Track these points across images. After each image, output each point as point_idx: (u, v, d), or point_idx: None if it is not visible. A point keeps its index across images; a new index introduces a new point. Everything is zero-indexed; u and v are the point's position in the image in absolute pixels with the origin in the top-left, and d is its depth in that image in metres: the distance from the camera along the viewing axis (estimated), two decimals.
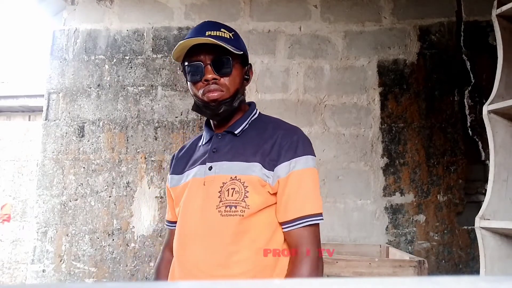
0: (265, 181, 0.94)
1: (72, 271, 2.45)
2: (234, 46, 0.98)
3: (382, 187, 2.43)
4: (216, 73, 0.97)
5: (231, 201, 0.92)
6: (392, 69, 2.54)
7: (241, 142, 1.00)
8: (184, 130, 2.54)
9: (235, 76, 1.00)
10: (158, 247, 2.45)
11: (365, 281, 0.25)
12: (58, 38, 2.69)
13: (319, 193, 0.98)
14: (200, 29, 0.99)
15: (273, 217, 0.96)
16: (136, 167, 2.53)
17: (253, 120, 1.06)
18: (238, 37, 1.04)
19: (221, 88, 0.97)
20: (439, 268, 2.34)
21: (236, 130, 1.02)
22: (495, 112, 1.57)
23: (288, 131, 1.01)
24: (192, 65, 0.98)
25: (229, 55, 0.97)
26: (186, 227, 0.98)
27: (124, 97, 2.61)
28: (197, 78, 0.98)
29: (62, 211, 2.50)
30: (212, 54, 0.96)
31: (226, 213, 0.92)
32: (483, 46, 2.48)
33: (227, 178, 0.95)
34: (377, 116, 2.50)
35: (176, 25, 2.66)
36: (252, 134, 1.02)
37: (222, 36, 0.97)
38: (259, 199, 0.93)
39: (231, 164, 0.96)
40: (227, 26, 1.03)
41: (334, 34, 2.60)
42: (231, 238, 0.91)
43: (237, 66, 1.00)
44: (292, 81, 2.56)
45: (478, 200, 2.35)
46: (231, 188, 0.93)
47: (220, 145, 1.02)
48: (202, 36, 0.95)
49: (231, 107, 1.00)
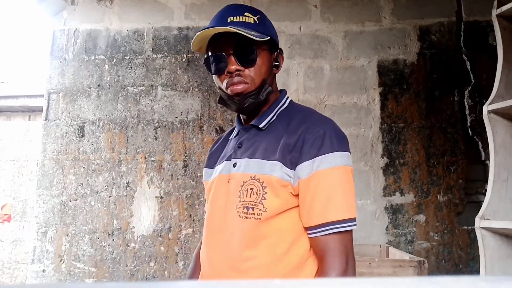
0: (287, 181, 0.85)
1: (72, 271, 2.45)
2: (259, 31, 0.89)
3: (382, 187, 2.43)
4: (240, 63, 0.88)
5: (249, 202, 0.86)
6: (392, 69, 2.54)
7: (265, 137, 0.91)
8: (184, 130, 2.54)
9: (261, 66, 0.90)
10: (158, 247, 2.45)
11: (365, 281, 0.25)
12: (58, 38, 2.69)
13: (350, 196, 0.85)
14: (221, 15, 0.91)
15: (296, 220, 0.87)
16: (136, 167, 2.53)
17: (282, 111, 0.95)
18: (264, 20, 0.94)
19: (245, 80, 0.89)
20: (439, 268, 2.34)
21: (261, 124, 0.93)
22: (495, 112, 1.57)
23: (315, 124, 0.88)
24: (214, 56, 0.91)
25: (253, 42, 0.87)
26: (209, 225, 0.94)
27: (124, 97, 2.61)
28: (221, 70, 0.90)
29: (62, 211, 2.50)
30: (235, 43, 0.88)
31: (244, 215, 0.86)
32: (483, 46, 2.48)
33: (247, 177, 0.88)
34: (377, 116, 2.50)
35: (176, 25, 2.66)
36: (277, 128, 0.92)
37: (245, 21, 0.89)
38: (278, 201, 0.85)
39: (252, 161, 0.89)
40: (252, 9, 0.94)
41: (334, 34, 2.60)
42: (247, 242, 0.85)
43: (263, 54, 0.91)
44: (292, 81, 2.56)
45: (478, 200, 2.35)
46: (249, 188, 0.87)
47: (245, 140, 0.94)
48: (224, 23, 0.88)
49: (257, 100, 0.90)
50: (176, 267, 2.43)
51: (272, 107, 0.95)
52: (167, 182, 2.50)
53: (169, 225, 2.46)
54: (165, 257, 2.44)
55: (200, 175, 2.49)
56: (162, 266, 2.43)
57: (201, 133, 2.54)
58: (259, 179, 0.86)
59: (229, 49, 0.89)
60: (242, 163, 0.91)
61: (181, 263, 2.43)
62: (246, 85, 0.89)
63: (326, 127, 0.87)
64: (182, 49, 2.63)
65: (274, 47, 0.96)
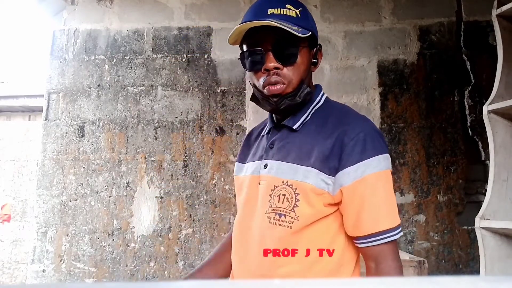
0: (322, 189, 0.80)
1: (72, 271, 2.45)
2: (302, 25, 0.82)
3: None
4: (279, 61, 0.82)
5: (280, 209, 0.81)
6: (392, 69, 2.54)
7: (298, 139, 0.86)
8: (184, 130, 2.54)
9: (300, 64, 0.84)
10: (158, 247, 2.45)
11: (365, 281, 0.25)
12: (58, 38, 2.69)
13: (394, 200, 0.82)
14: (260, 5, 0.84)
15: (329, 226, 0.83)
16: (136, 167, 2.53)
17: (317, 110, 0.90)
18: (306, 13, 0.87)
19: (283, 80, 0.83)
20: (439, 268, 2.34)
21: (294, 125, 0.87)
22: (495, 112, 1.57)
23: (352, 126, 0.82)
24: (251, 51, 0.84)
25: (294, 39, 0.81)
26: (240, 226, 0.91)
27: (124, 97, 2.61)
28: (257, 67, 0.84)
29: (62, 211, 2.50)
30: (274, 38, 0.81)
31: (275, 221, 0.82)
32: (483, 46, 2.48)
33: (279, 181, 0.83)
34: (377, 116, 2.50)
35: (176, 25, 2.66)
36: (311, 129, 0.86)
37: (287, 14, 0.82)
38: (311, 210, 0.80)
39: (285, 165, 0.84)
40: (295, 0, 0.86)
41: (334, 34, 2.60)
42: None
43: (303, 51, 0.85)
44: None
45: (478, 200, 2.35)
46: (282, 194, 0.82)
47: (276, 140, 0.89)
48: (263, 16, 0.81)
49: (294, 102, 0.84)
50: (176, 267, 2.43)
51: (307, 106, 0.89)
52: (167, 182, 2.50)
53: (169, 225, 2.46)
54: (165, 257, 2.44)
55: (200, 175, 2.50)
56: (162, 266, 2.43)
57: (201, 133, 2.54)
58: (292, 185, 0.81)
59: (268, 44, 0.82)
60: (274, 165, 0.86)
61: (181, 263, 2.43)
62: (284, 86, 0.83)
63: (366, 129, 0.82)
64: (182, 49, 2.63)
65: (314, 43, 0.89)
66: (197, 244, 2.44)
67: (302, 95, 0.85)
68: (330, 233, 0.83)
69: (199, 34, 2.65)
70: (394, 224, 0.81)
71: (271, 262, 0.82)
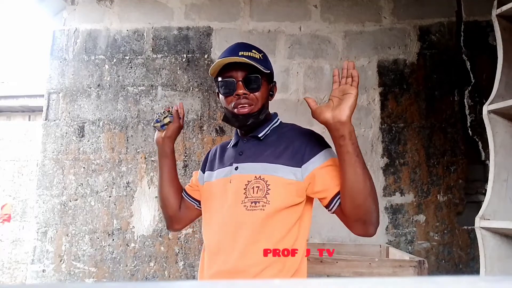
0: (291, 179, 1.02)
1: (72, 271, 2.45)
2: (263, 65, 1.08)
3: (382, 187, 2.43)
4: (247, 88, 1.08)
5: (255, 198, 1.02)
6: (392, 69, 2.54)
7: (264, 145, 1.11)
8: (184, 130, 2.54)
9: (263, 92, 1.11)
10: (158, 247, 2.45)
11: (365, 281, 0.25)
12: (58, 38, 2.69)
13: None
14: (233, 49, 1.11)
15: (293, 217, 1.04)
16: (136, 167, 2.53)
17: (275, 127, 1.16)
18: (266, 57, 1.15)
19: (250, 102, 1.08)
20: (439, 268, 2.34)
21: (259, 134, 1.13)
22: (495, 112, 1.57)
23: (305, 134, 1.13)
24: (225, 80, 1.09)
25: (258, 73, 1.08)
26: (216, 218, 1.08)
27: (124, 97, 2.61)
28: (230, 93, 1.09)
29: (62, 211, 2.50)
30: (244, 72, 1.08)
31: (251, 208, 1.02)
32: (483, 46, 2.48)
33: (252, 177, 1.05)
34: (377, 116, 2.50)
35: (176, 25, 2.66)
36: (273, 139, 1.12)
37: (253, 56, 1.09)
38: (280, 196, 1.01)
39: (256, 164, 1.07)
40: (257, 48, 1.15)
41: (334, 34, 2.60)
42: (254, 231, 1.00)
43: (264, 83, 1.12)
44: (292, 81, 2.56)
45: (478, 200, 2.35)
46: (255, 186, 1.03)
47: (245, 148, 1.12)
48: (237, 55, 1.07)
49: (258, 120, 1.11)
50: (176, 267, 2.43)
51: (268, 124, 1.16)
52: None
53: None
54: (165, 257, 2.44)
55: None
56: (162, 266, 2.43)
57: (201, 133, 2.54)
58: (264, 178, 1.04)
59: (239, 76, 1.08)
60: (245, 166, 1.08)
61: (181, 263, 2.43)
62: (251, 107, 1.09)
63: (315, 133, 1.13)
64: (182, 49, 2.63)
65: (271, 79, 1.17)
66: (197, 244, 2.44)
67: (263, 115, 1.12)
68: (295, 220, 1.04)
69: (199, 34, 2.65)
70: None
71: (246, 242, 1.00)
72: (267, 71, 1.10)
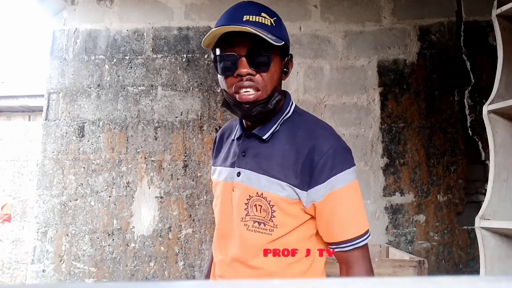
0: (294, 199, 0.84)
1: (72, 271, 2.45)
2: (276, 35, 0.82)
3: (382, 187, 2.43)
4: (252, 67, 0.82)
5: (259, 217, 0.85)
6: (392, 69, 2.54)
7: (269, 150, 0.88)
8: (184, 130, 2.54)
9: (273, 72, 0.84)
10: (158, 247, 2.45)
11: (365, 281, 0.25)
12: (58, 38, 2.69)
13: (362, 209, 0.88)
14: (236, 11, 0.84)
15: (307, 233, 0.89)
16: (136, 167, 2.53)
17: (286, 120, 0.91)
18: (280, 23, 0.89)
19: (256, 86, 0.82)
20: (439, 268, 2.34)
21: (264, 135, 0.88)
22: (495, 112, 1.57)
23: (321, 141, 0.85)
24: (224, 55, 0.84)
25: (268, 46, 0.81)
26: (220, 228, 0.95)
27: (124, 97, 2.61)
28: (230, 72, 0.83)
29: (62, 211, 2.50)
30: (249, 44, 0.81)
31: (254, 228, 0.86)
32: (483, 46, 2.48)
33: (254, 192, 0.86)
34: (377, 116, 2.50)
35: (176, 25, 2.66)
36: (281, 140, 0.88)
37: (262, 22, 0.82)
38: (288, 219, 0.85)
39: (257, 176, 0.86)
40: (269, 9, 0.88)
41: (334, 34, 2.60)
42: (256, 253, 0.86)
43: (276, 59, 0.85)
44: (292, 81, 2.56)
45: (478, 200, 2.35)
46: (258, 205, 0.85)
47: (248, 148, 0.91)
48: (239, 22, 0.81)
49: (266, 109, 0.85)
50: (176, 267, 2.43)
51: (277, 116, 0.90)
52: (167, 182, 2.50)
53: (169, 225, 2.46)
54: (165, 257, 2.44)
55: (200, 175, 2.50)
56: (162, 266, 2.43)
57: (201, 133, 2.54)
58: (266, 197, 0.85)
59: (242, 50, 0.82)
60: (247, 175, 0.88)
61: (181, 263, 2.43)
62: (258, 93, 0.83)
63: (333, 144, 0.85)
64: (182, 49, 2.63)
65: (286, 52, 0.90)
66: (197, 244, 2.44)
67: (274, 103, 0.86)
68: (306, 236, 0.88)
69: (199, 34, 2.65)
70: (361, 231, 0.85)
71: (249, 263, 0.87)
72: (280, 43, 0.81)
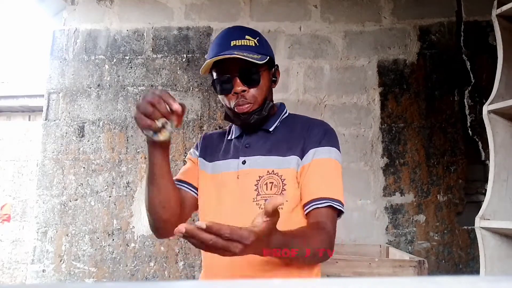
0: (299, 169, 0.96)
1: (72, 271, 2.45)
2: (260, 52, 0.97)
3: (382, 187, 2.43)
4: (245, 84, 0.97)
5: (269, 195, 0.92)
6: (392, 69, 2.54)
7: (275, 138, 1.02)
8: (184, 130, 2.54)
9: (263, 85, 1.00)
10: (158, 247, 2.45)
11: (365, 281, 0.25)
12: (58, 38, 2.69)
13: (339, 184, 0.97)
14: (224, 38, 0.99)
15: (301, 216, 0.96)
16: (136, 167, 2.53)
17: (284, 119, 1.08)
18: (262, 41, 1.03)
19: (249, 101, 0.98)
20: (439, 268, 2.34)
21: (269, 128, 1.04)
22: (495, 112, 1.57)
23: (316, 124, 1.03)
24: (220, 78, 0.99)
25: (256, 64, 0.96)
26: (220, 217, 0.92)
27: (124, 97, 2.61)
28: (227, 91, 0.99)
29: (62, 211, 2.50)
30: (239, 65, 0.96)
31: None
32: (483, 46, 2.48)
33: (264, 171, 0.96)
34: (377, 116, 2.50)
35: (176, 25, 2.66)
36: (284, 131, 1.03)
37: (247, 44, 0.98)
38: (297, 192, 0.94)
39: (267, 158, 0.98)
40: (252, 31, 1.02)
41: (334, 34, 2.60)
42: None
43: (264, 73, 1.01)
44: (292, 81, 2.56)
45: (478, 200, 2.35)
46: (269, 182, 0.94)
47: (253, 141, 1.03)
48: (227, 47, 0.96)
49: (261, 116, 1.00)
50: (176, 267, 2.43)
51: (277, 115, 1.07)
52: None
53: None
54: (165, 257, 2.44)
55: None
56: (162, 266, 2.43)
57: (201, 133, 2.54)
58: (277, 173, 0.95)
59: (234, 72, 0.96)
60: (254, 159, 0.98)
61: (181, 263, 2.43)
62: (251, 105, 0.98)
63: (325, 127, 1.02)
64: (182, 49, 2.63)
65: (272, 64, 1.05)
66: None
67: (267, 109, 1.01)
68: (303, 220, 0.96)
69: (199, 34, 2.65)
70: (336, 196, 0.94)
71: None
72: (264, 61, 0.96)
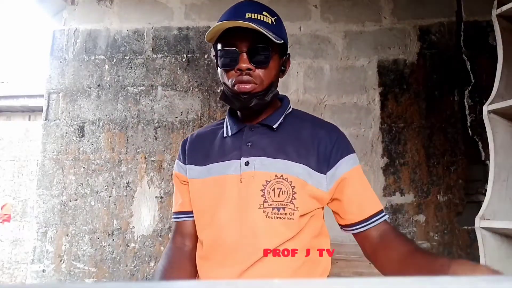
0: (313, 185, 0.86)
1: (72, 271, 2.45)
2: (276, 33, 0.86)
3: (382, 187, 2.43)
4: (252, 63, 0.85)
5: (279, 203, 0.83)
6: (392, 69, 2.54)
7: (281, 138, 0.91)
8: (184, 130, 2.54)
9: (272, 68, 0.88)
10: (158, 247, 2.45)
11: (365, 281, 0.25)
12: (58, 38, 2.69)
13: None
14: (239, 9, 0.87)
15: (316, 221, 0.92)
16: (136, 167, 2.53)
17: (287, 115, 0.96)
18: (280, 22, 0.93)
19: (254, 80, 0.86)
20: None
21: (274, 124, 0.92)
22: (495, 112, 1.57)
23: (327, 130, 0.93)
24: (225, 50, 0.86)
25: (268, 43, 0.84)
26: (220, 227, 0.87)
27: (124, 97, 2.61)
28: (230, 66, 0.86)
29: (62, 211, 2.50)
30: (250, 40, 0.84)
31: (274, 215, 0.83)
32: (483, 46, 2.48)
33: (271, 176, 0.85)
34: (377, 116, 2.50)
35: (176, 25, 2.66)
36: (289, 130, 0.92)
37: (263, 20, 0.86)
38: (308, 202, 0.86)
39: (274, 161, 0.86)
40: (270, 9, 0.93)
41: (334, 34, 2.60)
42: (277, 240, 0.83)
43: (275, 57, 0.89)
44: (292, 81, 2.56)
45: (478, 200, 2.35)
46: (277, 188, 0.84)
47: (255, 139, 0.90)
48: (241, 18, 0.83)
49: (263, 101, 0.88)
50: None
51: (281, 110, 0.96)
52: (167, 182, 2.50)
53: (169, 225, 2.46)
54: None
55: None
56: None
57: None
58: (287, 178, 0.85)
59: (243, 45, 0.85)
60: (260, 160, 0.87)
61: None
62: (255, 85, 0.86)
63: (339, 133, 0.94)
64: (182, 49, 2.63)
65: (284, 51, 0.95)
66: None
67: (271, 96, 0.90)
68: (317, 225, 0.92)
69: (199, 34, 2.65)
70: (382, 207, 0.91)
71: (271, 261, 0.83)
72: (279, 41, 0.85)
